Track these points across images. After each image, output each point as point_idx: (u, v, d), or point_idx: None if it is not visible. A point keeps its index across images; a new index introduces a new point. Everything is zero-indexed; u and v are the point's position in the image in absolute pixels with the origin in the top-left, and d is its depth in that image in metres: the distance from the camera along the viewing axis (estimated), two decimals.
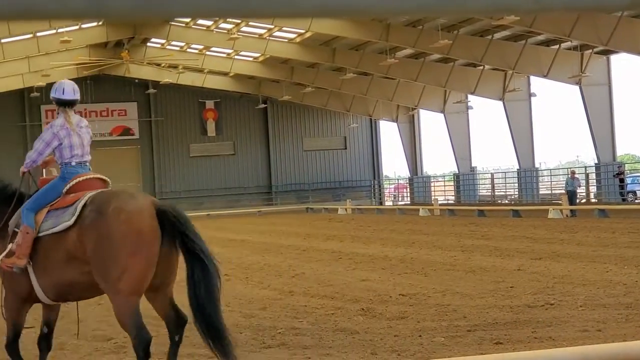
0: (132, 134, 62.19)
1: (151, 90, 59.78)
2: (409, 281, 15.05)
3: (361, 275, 16.27)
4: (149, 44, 53.32)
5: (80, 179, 7.99)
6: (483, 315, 11.02)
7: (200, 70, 57.82)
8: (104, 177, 8.31)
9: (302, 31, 46.01)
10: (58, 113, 8.56)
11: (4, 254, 7.86)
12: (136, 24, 45.70)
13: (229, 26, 46.13)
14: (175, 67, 56.16)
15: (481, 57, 43.25)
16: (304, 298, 13.53)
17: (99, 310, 13.35)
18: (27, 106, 59.77)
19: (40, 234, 7.66)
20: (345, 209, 50.57)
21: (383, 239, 26.10)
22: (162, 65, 56.57)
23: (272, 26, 44.62)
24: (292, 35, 48.34)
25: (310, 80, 55.73)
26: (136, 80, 58.96)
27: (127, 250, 7.12)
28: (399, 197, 68.18)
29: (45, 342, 8.43)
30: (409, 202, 62.77)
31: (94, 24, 46.40)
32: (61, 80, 8.79)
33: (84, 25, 46.32)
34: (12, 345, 8.23)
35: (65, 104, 8.45)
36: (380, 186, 68.05)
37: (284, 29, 45.99)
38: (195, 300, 7.35)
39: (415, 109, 59.14)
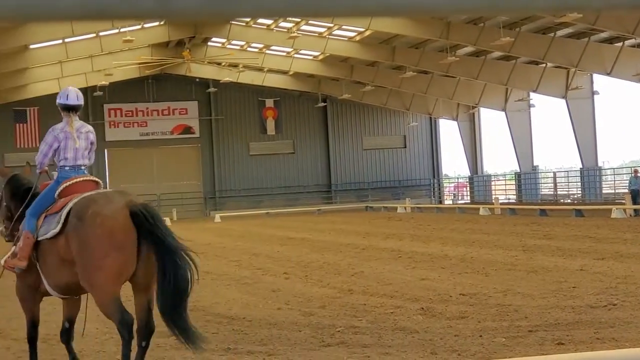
0: (193, 133, 62.75)
1: (212, 89, 60.26)
2: (469, 281, 14.95)
3: (421, 274, 16.20)
4: (209, 43, 53.76)
5: (69, 183, 8.50)
6: (545, 316, 10.90)
7: (260, 69, 58.09)
8: (95, 179, 8.87)
9: (362, 29, 45.96)
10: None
11: (8, 254, 8.58)
12: (197, 23, 46.10)
13: (289, 25, 46.27)
14: (235, 66, 56.54)
15: (543, 55, 42.71)
16: (363, 297, 13.52)
17: None
18: (91, 105, 60.66)
19: (39, 239, 8.29)
20: (405, 208, 50.39)
21: (443, 237, 25.94)
22: (223, 64, 57.02)
23: (331, 25, 44.65)
24: (352, 34, 48.31)
25: (369, 79, 55.66)
26: (197, 79, 59.48)
27: (102, 251, 7.68)
28: (458, 196, 67.73)
29: (66, 335, 9.08)
30: (469, 201, 62.32)
31: (156, 23, 46.94)
32: (67, 87, 9.36)
33: (146, 25, 46.89)
34: (32, 335, 8.90)
35: (70, 109, 8.89)
36: (440, 185, 67.69)
37: (344, 27, 45.97)
38: (162, 292, 7.67)
39: (475, 107, 58.67)
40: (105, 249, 7.70)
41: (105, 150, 60.92)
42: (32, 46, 45.88)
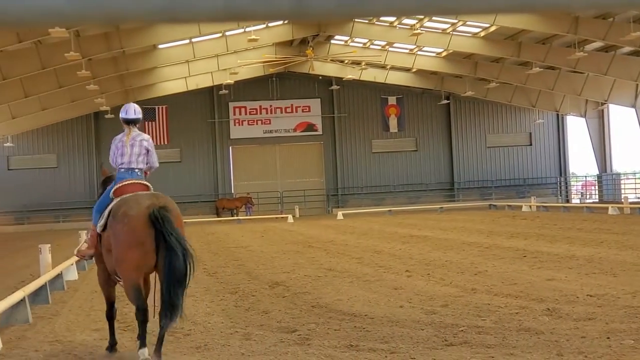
0: (316, 130, 63.29)
1: (334, 87, 60.62)
2: (596, 281, 14.56)
3: (547, 275, 15.87)
4: (332, 41, 54.10)
5: (121, 184, 9.98)
6: None
7: (383, 66, 58.09)
8: (144, 182, 10.13)
9: (487, 25, 45.38)
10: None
11: (80, 245, 10.72)
12: (322, 22, 46.45)
13: (412, 22, 46.08)
14: (358, 63, 56.73)
15: None
16: (487, 296, 13.35)
17: (284, 303, 13.70)
18: (216, 103, 61.99)
19: (99, 232, 9.94)
20: (530, 207, 49.47)
21: (569, 237, 25.35)
22: (345, 61, 57.28)
23: (455, 21, 44.22)
24: (477, 30, 47.74)
25: (494, 75, 54.94)
26: (320, 77, 59.96)
27: (126, 245, 9.24)
28: (586, 194, 66.08)
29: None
30: (597, 200, 60.73)
31: (281, 22, 47.54)
32: (129, 103, 10.79)
33: (270, 24, 47.53)
34: (109, 314, 10.44)
35: (129, 122, 10.30)
36: (567, 183, 66.21)
37: (468, 23, 45.47)
38: (163, 279, 9.17)
39: (604, 103, 57.12)
40: (128, 244, 9.22)
41: (230, 148, 62.15)
42: (160, 46, 47.21)
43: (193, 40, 47.40)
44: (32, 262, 24.63)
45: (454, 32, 48.15)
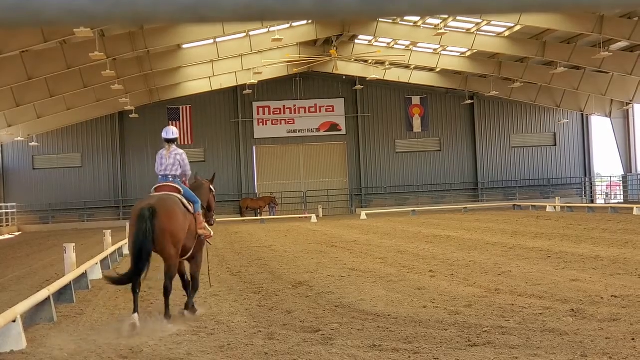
0: (339, 130, 63.28)
1: (358, 87, 60.57)
2: (621, 282, 14.45)
3: (571, 275, 15.78)
4: (356, 41, 54.06)
5: (156, 185, 13.34)
6: None
7: (407, 66, 58.00)
8: (172, 184, 13.16)
9: (511, 25, 45.19)
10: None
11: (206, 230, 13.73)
12: (346, 21, 46.42)
13: (437, 22, 45.97)
14: (381, 63, 56.66)
15: None
16: (511, 297, 13.29)
17: (307, 303, 13.71)
18: (240, 103, 62.13)
19: None
20: (554, 207, 49.23)
21: (594, 238, 25.19)
22: (369, 61, 57.22)
23: (480, 20, 44.06)
24: (501, 29, 47.55)
25: (518, 75, 54.71)
26: (343, 77, 59.95)
27: (130, 232, 12.69)
28: (611, 195, 65.63)
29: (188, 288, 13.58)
30: (622, 201, 60.31)
31: (304, 22, 47.57)
32: (168, 126, 14.01)
33: (294, 24, 47.58)
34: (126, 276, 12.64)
35: (168, 141, 13.47)
36: (591, 184, 65.80)
37: (492, 23, 45.29)
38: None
39: (630, 103, 56.71)
40: (130, 231, 12.52)
41: (254, 148, 62.28)
42: (185, 46, 47.38)
43: (217, 40, 47.54)
44: (56, 261, 24.81)
45: (478, 32, 47.99)
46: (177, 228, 12.41)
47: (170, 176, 13.19)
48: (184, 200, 12.95)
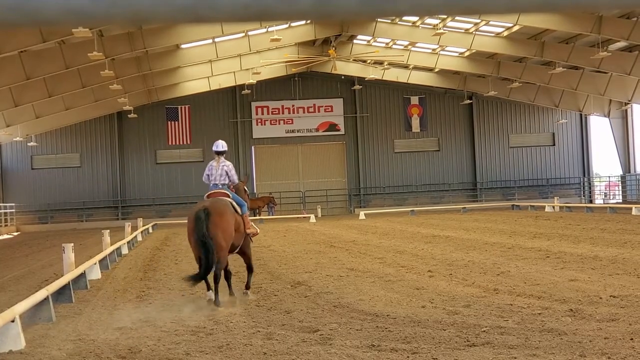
0: (338, 130, 63.28)
1: (357, 87, 60.57)
2: (620, 282, 14.46)
3: (569, 275, 15.79)
4: (355, 41, 54.06)
5: (209, 192, 15.31)
6: None
7: (405, 66, 58.01)
8: (223, 191, 15.18)
9: (510, 25, 45.20)
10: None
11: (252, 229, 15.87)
12: (344, 21, 46.41)
13: (435, 22, 45.98)
14: (380, 63, 56.66)
15: None
16: (510, 296, 13.29)
17: (306, 303, 13.71)
18: (239, 103, 62.12)
19: None
20: (553, 207, 49.25)
21: (593, 238, 25.20)
22: (368, 61, 57.22)
23: (478, 21, 44.06)
24: (500, 30, 47.56)
25: (517, 75, 54.72)
26: (342, 77, 59.95)
27: (188, 231, 14.63)
28: (610, 195, 65.66)
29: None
30: (620, 201, 60.33)
31: (303, 22, 47.57)
32: (218, 140, 16.40)
33: (293, 24, 47.55)
34: (199, 273, 14.21)
35: (217, 153, 15.65)
36: (590, 184, 65.83)
37: (491, 23, 45.29)
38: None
39: (628, 103, 56.74)
40: (188, 232, 14.41)
41: (252, 147, 62.28)
42: (183, 46, 47.36)
43: (216, 40, 47.52)
44: (55, 261, 24.80)
45: (476, 32, 47.99)
46: (227, 225, 14.24)
47: (219, 184, 15.29)
48: (234, 203, 14.92)
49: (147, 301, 14.95)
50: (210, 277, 14.01)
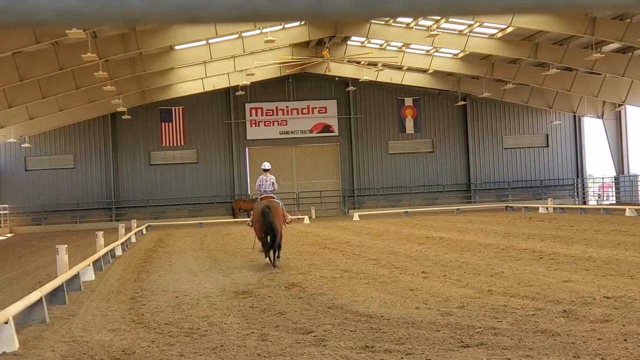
0: (332, 131, 63.27)
1: (351, 88, 60.58)
2: (614, 283, 14.49)
3: (563, 276, 15.82)
4: (349, 42, 54.06)
5: (262, 196, 21.72)
6: None
7: (400, 68, 58.03)
8: (272, 196, 21.98)
9: (504, 26, 45.25)
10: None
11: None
12: (338, 22, 46.39)
13: (429, 23, 46.00)
14: (374, 64, 56.66)
15: None
16: (504, 298, 13.31)
17: (300, 304, 13.70)
18: (233, 104, 62.08)
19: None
20: (547, 208, 49.31)
21: (586, 239, 25.25)
22: (362, 63, 57.22)
23: (472, 22, 44.10)
24: (493, 31, 47.61)
25: (511, 76, 54.78)
26: (336, 78, 59.96)
27: (255, 221, 21.62)
28: (603, 196, 65.76)
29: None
30: (614, 202, 60.44)
31: (297, 23, 47.53)
32: (265, 161, 23.68)
33: (287, 25, 47.51)
34: (265, 248, 21.26)
35: (265, 170, 22.48)
36: (584, 185, 65.93)
37: (485, 24, 45.34)
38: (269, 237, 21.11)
39: (622, 105, 56.85)
40: (255, 221, 21.39)
41: (246, 149, 62.25)
42: (177, 47, 47.31)
43: (210, 41, 47.48)
44: (49, 262, 24.75)
45: (470, 34, 48.03)
46: (280, 216, 21.30)
47: (268, 191, 22.26)
48: (281, 203, 21.88)
49: (141, 302, 14.93)
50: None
